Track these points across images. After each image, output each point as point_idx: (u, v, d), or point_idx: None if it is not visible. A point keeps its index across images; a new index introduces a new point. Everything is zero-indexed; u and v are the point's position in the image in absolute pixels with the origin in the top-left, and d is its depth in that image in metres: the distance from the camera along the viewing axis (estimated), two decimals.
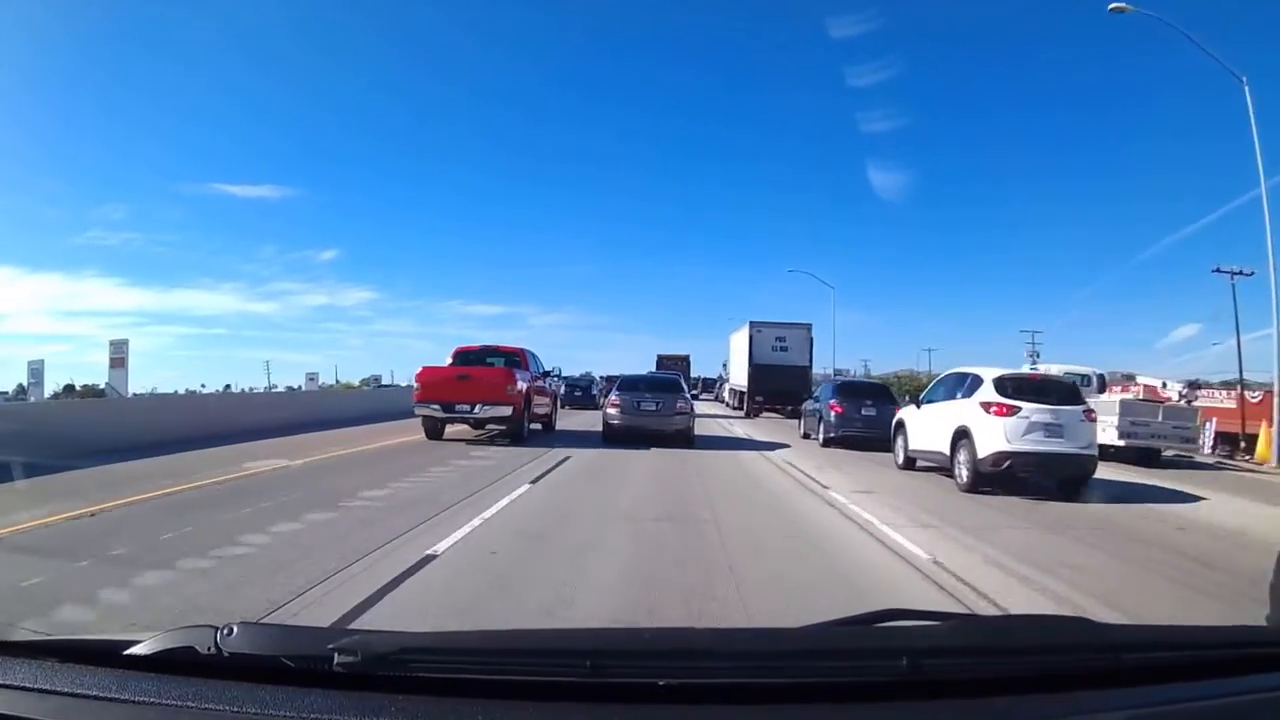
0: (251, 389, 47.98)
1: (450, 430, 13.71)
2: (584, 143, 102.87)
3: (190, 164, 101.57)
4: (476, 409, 12.61)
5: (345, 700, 1.05)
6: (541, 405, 15.02)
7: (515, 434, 13.11)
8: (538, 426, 14.57)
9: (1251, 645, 1.41)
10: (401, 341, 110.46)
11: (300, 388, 43.03)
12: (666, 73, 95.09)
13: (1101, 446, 14.06)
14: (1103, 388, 18.04)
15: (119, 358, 26.92)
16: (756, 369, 26.42)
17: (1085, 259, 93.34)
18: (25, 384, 25.07)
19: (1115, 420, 13.47)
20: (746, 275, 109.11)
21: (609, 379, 27.50)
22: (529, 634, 1.41)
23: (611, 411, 13.94)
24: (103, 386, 27.73)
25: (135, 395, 25.62)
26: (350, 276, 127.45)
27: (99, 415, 13.37)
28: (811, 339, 27.85)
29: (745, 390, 27.25)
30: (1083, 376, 17.93)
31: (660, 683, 1.10)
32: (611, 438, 13.64)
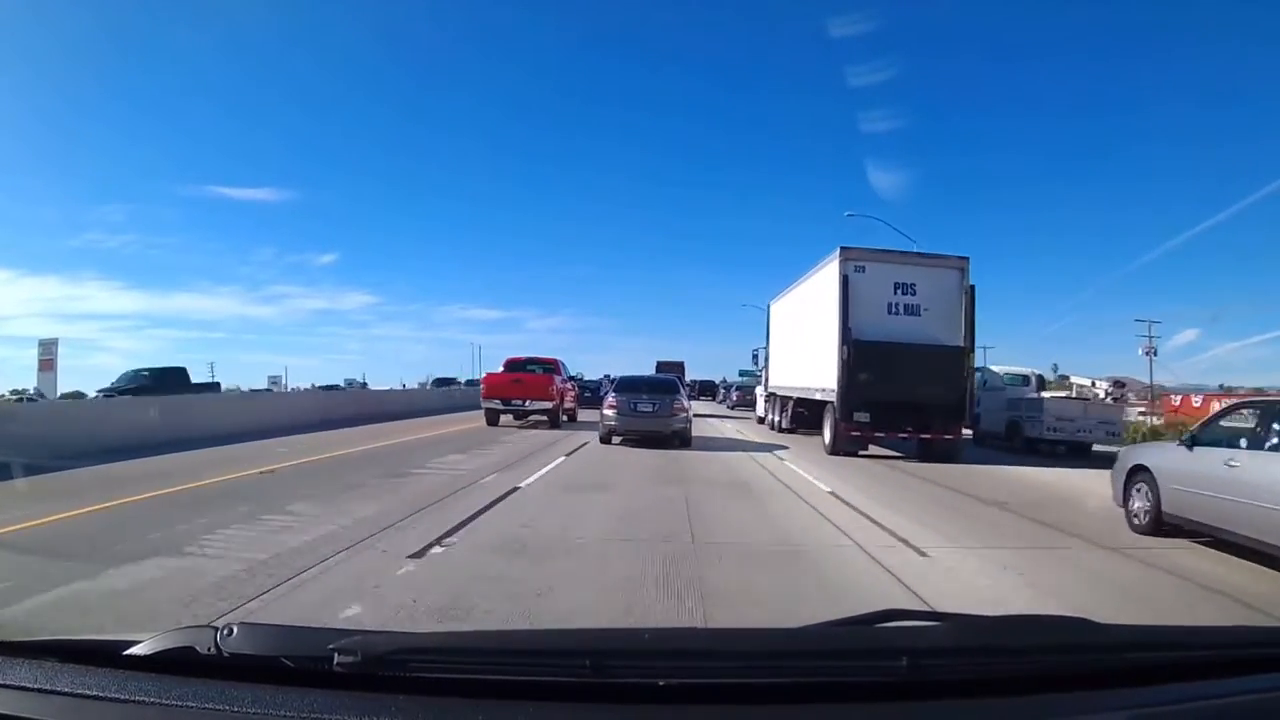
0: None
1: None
2: (581, 148, 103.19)
3: (187, 165, 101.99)
4: (526, 403, 17.65)
5: (345, 700, 1.05)
6: (569, 401, 19.98)
7: (554, 422, 17.81)
8: (565, 418, 18.96)
9: (1251, 645, 1.41)
10: (401, 345, 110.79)
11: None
12: (665, 77, 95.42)
13: (1032, 440, 15.26)
14: (1041, 387, 18.28)
15: (48, 359, 24.30)
16: (860, 352, 12.66)
17: (1083, 263, 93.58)
18: None
19: (1044, 417, 15.27)
20: (746, 279, 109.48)
21: (611, 379, 26.42)
22: (529, 634, 1.42)
23: (609, 413, 13.84)
24: (31, 391, 26.16)
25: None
26: (349, 280, 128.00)
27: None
28: (971, 290, 13.10)
29: (831, 395, 13.20)
30: (1023, 377, 17.99)
31: (660, 683, 1.10)
32: (609, 440, 13.77)
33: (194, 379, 26.57)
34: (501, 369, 19.71)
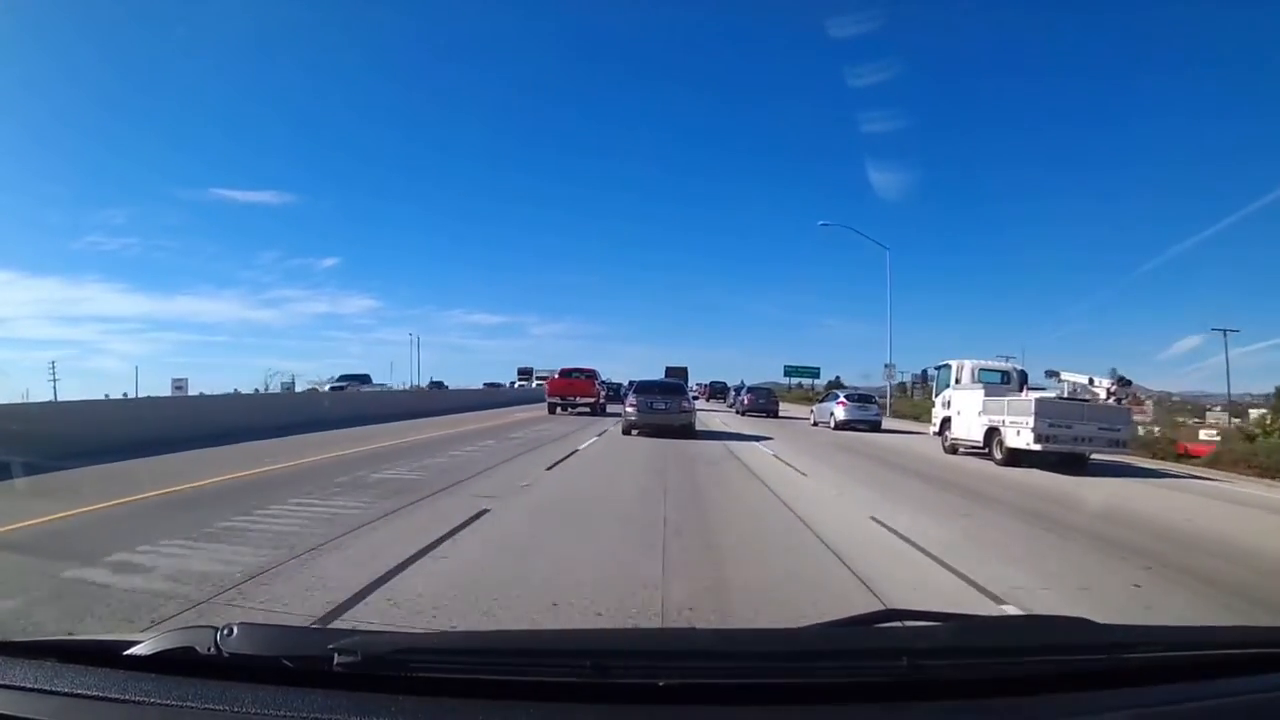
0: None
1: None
2: (583, 157, 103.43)
3: (189, 168, 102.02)
4: (576, 399, 26.89)
5: (345, 700, 1.05)
6: (602, 398, 28.72)
7: (594, 411, 26.37)
8: (599, 410, 27.51)
9: (1252, 645, 1.41)
10: (403, 350, 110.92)
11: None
12: (666, 82, 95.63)
13: (1016, 451, 12.61)
14: (1024, 384, 15.79)
15: None
16: None
17: (1086, 270, 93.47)
18: None
19: (1031, 422, 12.28)
20: (746, 282, 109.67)
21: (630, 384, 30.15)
22: (530, 634, 1.41)
23: (629, 410, 17.79)
24: None
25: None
26: (351, 285, 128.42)
27: None
28: None
29: None
30: (1002, 374, 16.82)
31: (661, 683, 1.10)
32: (629, 432, 17.50)
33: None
34: (557, 375, 29.30)
